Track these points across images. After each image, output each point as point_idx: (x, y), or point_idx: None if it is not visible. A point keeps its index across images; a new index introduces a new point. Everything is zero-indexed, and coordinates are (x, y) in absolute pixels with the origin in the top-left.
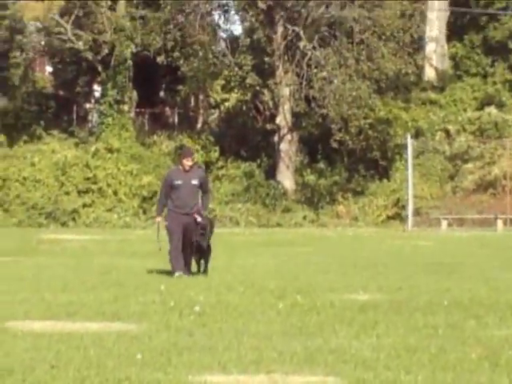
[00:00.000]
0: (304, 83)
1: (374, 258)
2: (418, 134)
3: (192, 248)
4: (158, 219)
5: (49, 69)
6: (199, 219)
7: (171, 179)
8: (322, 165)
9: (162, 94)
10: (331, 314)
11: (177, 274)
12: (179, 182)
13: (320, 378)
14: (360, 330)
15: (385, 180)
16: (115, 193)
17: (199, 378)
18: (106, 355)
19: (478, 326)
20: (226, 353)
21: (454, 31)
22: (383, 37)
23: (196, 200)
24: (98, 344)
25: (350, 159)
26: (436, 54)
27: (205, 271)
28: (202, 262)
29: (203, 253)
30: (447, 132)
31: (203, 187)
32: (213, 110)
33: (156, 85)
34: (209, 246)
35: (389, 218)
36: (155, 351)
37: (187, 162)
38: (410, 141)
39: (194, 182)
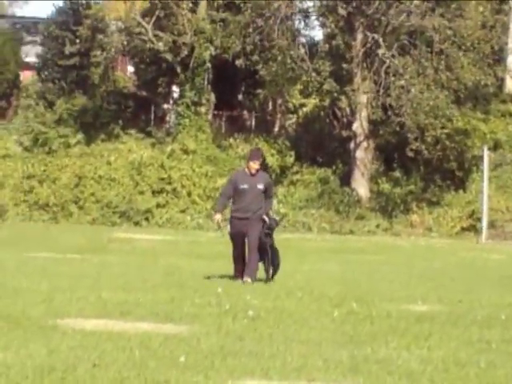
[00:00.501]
0: (381, 91)
1: (442, 269)
2: (496, 146)
3: (255, 250)
4: (218, 216)
5: (130, 69)
6: (266, 219)
7: (236, 182)
8: (397, 173)
9: (240, 97)
10: (386, 323)
11: (245, 279)
12: (245, 187)
13: None
14: (412, 342)
15: (461, 191)
16: (189, 194)
17: (239, 383)
18: (150, 356)
19: None
20: (271, 359)
21: None
22: (463, 47)
23: (260, 205)
24: (144, 345)
25: (426, 169)
26: None
27: (271, 277)
28: (268, 265)
29: (267, 252)
30: None
31: (267, 192)
32: (290, 115)
33: (235, 88)
34: (276, 251)
35: (463, 229)
36: (200, 354)
37: (254, 165)
38: (486, 152)
39: (260, 186)
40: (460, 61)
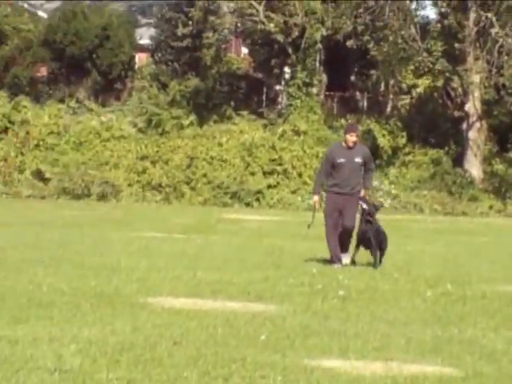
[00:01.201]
0: (494, 71)
1: None
2: None
3: (349, 233)
4: (316, 198)
5: (244, 50)
6: (364, 205)
7: (333, 157)
8: (511, 154)
9: (352, 78)
10: (478, 304)
11: (335, 266)
12: (342, 160)
13: (437, 368)
14: (501, 323)
15: None
16: (300, 175)
17: (315, 362)
18: (233, 335)
19: None
20: (353, 338)
21: None
22: None
23: (358, 179)
24: (228, 323)
25: None
26: None
27: (375, 264)
28: (375, 251)
29: (370, 241)
30: None
31: (367, 165)
32: (403, 96)
33: (347, 69)
34: (383, 235)
35: None
36: (283, 333)
37: (351, 138)
38: None
39: (358, 159)
40: None
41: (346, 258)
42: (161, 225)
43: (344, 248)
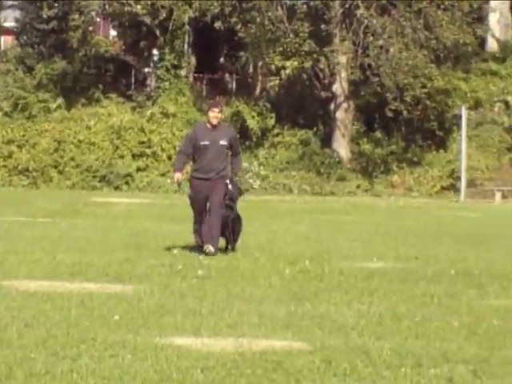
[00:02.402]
0: (360, 51)
1: (411, 227)
2: (477, 105)
3: (217, 215)
4: (178, 175)
5: (113, 33)
6: (229, 187)
7: (196, 138)
8: (378, 134)
9: (221, 59)
10: (335, 281)
11: (205, 247)
12: (206, 143)
13: (287, 343)
14: (355, 297)
15: (441, 151)
16: (169, 158)
17: (166, 340)
18: (86, 316)
19: (477, 296)
20: (207, 316)
21: None
22: (442, 6)
23: (224, 163)
24: (83, 305)
25: (406, 129)
26: (499, 24)
27: (233, 248)
28: (230, 237)
29: (228, 227)
30: (506, 103)
31: (233, 148)
32: (272, 77)
33: (216, 50)
34: (238, 219)
35: (443, 188)
36: (138, 313)
37: (213, 114)
38: (464, 112)
39: (223, 142)
40: (439, 20)
41: (209, 245)
42: (26, 209)
43: (211, 235)
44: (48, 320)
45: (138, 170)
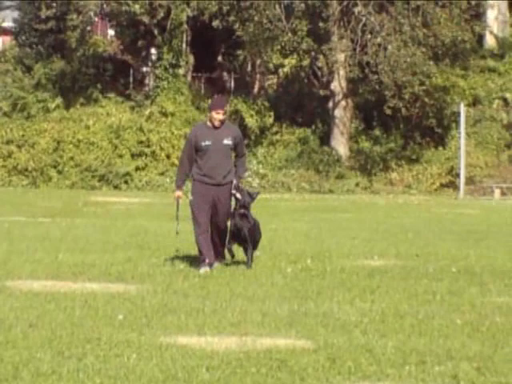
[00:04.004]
0: (358, 49)
1: (410, 225)
2: (475, 102)
3: (225, 233)
4: (178, 193)
5: (111, 32)
6: (238, 195)
7: (197, 139)
8: (377, 132)
9: (219, 58)
10: (337, 279)
11: (202, 270)
12: (207, 143)
13: (291, 341)
14: (357, 295)
15: (440, 148)
16: (168, 157)
17: (170, 340)
18: (90, 316)
19: (479, 293)
20: (210, 315)
21: None
22: (440, 3)
23: (229, 166)
24: (87, 305)
25: (405, 126)
26: (497, 21)
27: (248, 263)
28: (250, 250)
29: (246, 239)
30: (505, 100)
31: (238, 149)
32: (270, 76)
33: (214, 49)
34: (257, 228)
35: (442, 186)
36: (141, 312)
37: (217, 116)
38: (463, 108)
39: (227, 141)
40: (437, 17)
41: (217, 262)
42: (26, 209)
43: (218, 252)
44: (52, 320)
45: (137, 169)
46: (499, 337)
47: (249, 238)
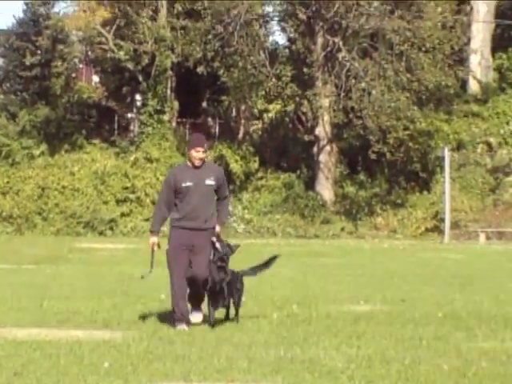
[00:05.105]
0: (342, 94)
1: (396, 269)
2: (459, 147)
3: (206, 284)
4: (153, 239)
5: (95, 78)
6: (218, 245)
7: (176, 180)
8: (362, 176)
9: (204, 104)
10: (323, 324)
11: (179, 327)
12: (188, 184)
13: None
14: (344, 341)
15: (425, 192)
16: (153, 202)
17: None
18: (76, 364)
19: (465, 338)
20: (196, 362)
21: (501, 43)
22: (423, 48)
23: (212, 209)
24: (72, 352)
25: (390, 171)
26: (480, 66)
27: (237, 318)
28: (230, 303)
29: (225, 293)
30: (489, 145)
31: (221, 190)
32: (255, 121)
33: (198, 95)
34: (237, 280)
35: (427, 230)
36: (127, 360)
37: (197, 154)
38: (447, 153)
39: (210, 181)
40: (420, 62)
41: (196, 317)
42: (11, 256)
43: (196, 303)
44: (38, 368)
45: (122, 215)
46: (486, 382)
47: (227, 291)
